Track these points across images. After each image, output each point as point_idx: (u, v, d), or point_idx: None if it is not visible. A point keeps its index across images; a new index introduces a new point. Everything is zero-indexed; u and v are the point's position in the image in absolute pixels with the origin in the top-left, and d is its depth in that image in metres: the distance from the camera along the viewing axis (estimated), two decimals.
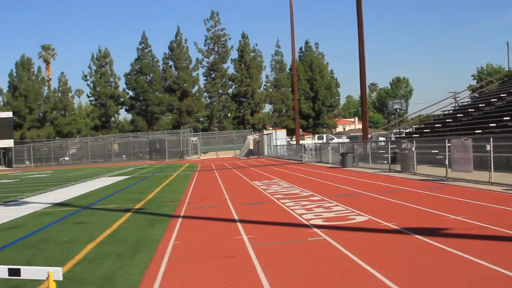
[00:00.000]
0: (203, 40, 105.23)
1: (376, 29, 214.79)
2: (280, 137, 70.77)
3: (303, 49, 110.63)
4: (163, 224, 13.81)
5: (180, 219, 14.53)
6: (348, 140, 60.49)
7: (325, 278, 7.65)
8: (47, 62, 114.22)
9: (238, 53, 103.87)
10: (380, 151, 33.37)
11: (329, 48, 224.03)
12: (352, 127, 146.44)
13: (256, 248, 9.96)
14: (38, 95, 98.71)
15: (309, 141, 76.47)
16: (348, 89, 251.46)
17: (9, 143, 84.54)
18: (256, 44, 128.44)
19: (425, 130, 43.18)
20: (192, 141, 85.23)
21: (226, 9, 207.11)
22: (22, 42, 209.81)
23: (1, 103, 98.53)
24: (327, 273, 7.91)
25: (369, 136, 44.39)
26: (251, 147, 78.10)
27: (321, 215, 13.44)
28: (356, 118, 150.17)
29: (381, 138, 49.24)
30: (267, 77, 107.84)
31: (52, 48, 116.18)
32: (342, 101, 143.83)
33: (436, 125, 42.67)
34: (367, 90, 63.43)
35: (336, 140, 72.89)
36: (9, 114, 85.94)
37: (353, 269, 8.06)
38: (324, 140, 75.32)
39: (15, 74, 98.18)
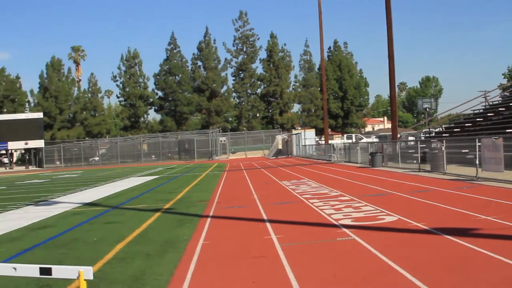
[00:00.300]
0: (232, 40, 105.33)
1: (406, 28, 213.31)
2: (309, 136, 70.53)
3: (331, 49, 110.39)
4: (192, 224, 13.84)
5: (209, 219, 14.56)
6: (377, 140, 60.15)
7: (354, 278, 7.63)
8: (77, 63, 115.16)
9: (267, 53, 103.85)
10: (410, 151, 33.15)
11: (358, 48, 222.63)
12: (381, 126, 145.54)
13: (285, 248, 9.94)
14: (68, 96, 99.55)
15: (338, 141, 76.26)
16: (377, 88, 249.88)
17: (39, 143, 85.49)
18: (285, 44, 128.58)
19: (455, 130, 42.79)
20: (221, 141, 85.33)
21: (254, 9, 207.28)
22: (52, 43, 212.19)
23: (32, 104, 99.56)
24: (356, 274, 7.88)
25: (399, 135, 44.08)
26: (280, 147, 77.94)
27: (350, 215, 13.38)
28: (385, 118, 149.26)
29: (410, 138, 48.96)
30: (295, 76, 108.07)
31: (81, 49, 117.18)
32: (371, 100, 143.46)
33: (466, 124, 42.24)
34: (396, 89, 63.04)
35: (365, 139, 72.58)
36: (40, 115, 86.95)
37: (382, 269, 8.02)
38: (353, 140, 75.08)
39: (45, 75, 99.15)
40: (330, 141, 64.04)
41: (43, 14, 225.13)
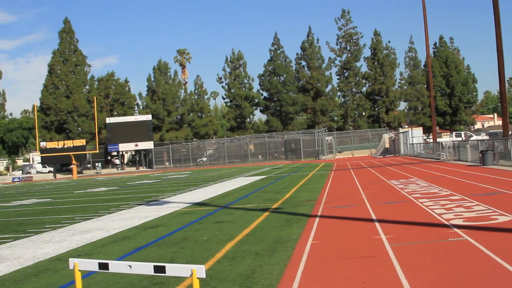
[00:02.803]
0: (335, 39, 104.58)
1: None
2: (416, 135, 69.22)
3: (437, 45, 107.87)
4: (300, 223, 13.89)
5: (317, 219, 14.56)
6: (487, 137, 58.45)
7: (466, 279, 7.48)
8: (182, 66, 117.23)
9: (371, 51, 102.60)
10: None
11: (465, 43, 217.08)
12: (491, 123, 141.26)
13: (395, 248, 9.85)
14: (175, 98, 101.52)
15: (446, 138, 74.51)
16: (486, 84, 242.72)
17: (149, 145, 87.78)
18: (389, 41, 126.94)
19: None
20: (327, 140, 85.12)
21: (357, 7, 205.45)
22: (158, 47, 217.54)
23: (141, 107, 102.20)
24: (468, 275, 7.72)
25: (510, 132, 42.65)
26: (387, 145, 77.00)
27: (462, 215, 13.09)
28: (495, 114, 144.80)
29: None
30: (401, 74, 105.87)
31: (187, 52, 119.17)
32: (480, 96, 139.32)
33: None
34: (507, 85, 61.04)
35: (474, 137, 70.70)
36: (149, 117, 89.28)
37: (495, 271, 7.82)
38: (462, 138, 73.22)
39: (153, 79, 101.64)
40: (438, 139, 62.77)
41: (149, 19, 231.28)
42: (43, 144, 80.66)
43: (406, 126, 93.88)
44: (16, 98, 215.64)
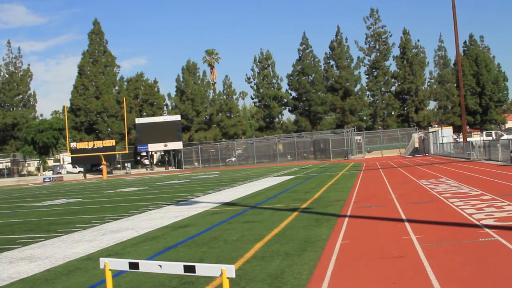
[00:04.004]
0: (364, 38, 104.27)
1: None
2: (446, 134, 68.77)
3: (467, 43, 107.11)
4: (329, 223, 13.85)
5: (346, 219, 14.52)
6: None
7: (498, 280, 7.41)
8: (211, 66, 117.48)
9: (400, 49, 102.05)
10: None
11: (495, 41, 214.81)
12: None
13: (425, 248, 9.79)
14: (204, 98, 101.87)
15: (476, 138, 73.89)
16: None
17: (178, 145, 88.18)
18: (418, 40, 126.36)
19: None
20: (356, 140, 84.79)
21: (385, 6, 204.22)
22: (187, 48, 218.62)
23: (170, 107, 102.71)
24: (499, 275, 7.65)
25: None
26: (417, 145, 76.51)
27: (493, 215, 12.97)
28: None
29: None
30: (430, 73, 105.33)
31: (215, 53, 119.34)
32: (511, 95, 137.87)
33: None
34: None
35: (505, 136, 69.98)
36: (178, 117, 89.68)
37: None
38: (493, 137, 72.49)
39: (181, 79, 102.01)
40: (468, 139, 62.24)
41: (178, 19, 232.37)
42: (73, 144, 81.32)
43: (436, 126, 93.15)
44: (46, 99, 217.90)
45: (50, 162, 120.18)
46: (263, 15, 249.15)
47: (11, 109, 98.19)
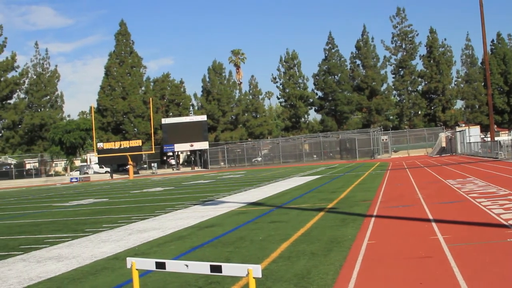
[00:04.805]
0: (390, 37, 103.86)
1: None
2: (473, 134, 68.27)
3: (494, 42, 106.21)
4: (356, 223, 13.79)
5: (373, 219, 14.45)
6: None
7: None
8: (237, 66, 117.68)
9: (427, 48, 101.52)
10: None
11: None
12: None
13: (452, 248, 9.71)
14: (230, 99, 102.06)
15: (504, 137, 73.21)
16: None
17: (204, 145, 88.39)
18: (445, 39, 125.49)
19: None
20: (382, 139, 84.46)
21: (412, 5, 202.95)
22: (213, 48, 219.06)
23: (196, 107, 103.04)
24: None
25: None
26: (444, 144, 76.04)
27: None
28: None
29: None
30: (457, 72, 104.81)
31: (241, 53, 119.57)
32: None
33: None
34: None
35: None
36: (204, 117, 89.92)
37: None
38: None
39: (207, 79, 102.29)
40: (496, 138, 61.71)
41: (204, 20, 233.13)
42: (100, 145, 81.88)
43: (463, 125, 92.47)
44: (73, 100, 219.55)
45: (77, 162, 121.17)
46: (288, 15, 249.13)
47: (39, 110, 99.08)
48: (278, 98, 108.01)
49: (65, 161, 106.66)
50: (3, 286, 9.47)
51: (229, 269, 4.96)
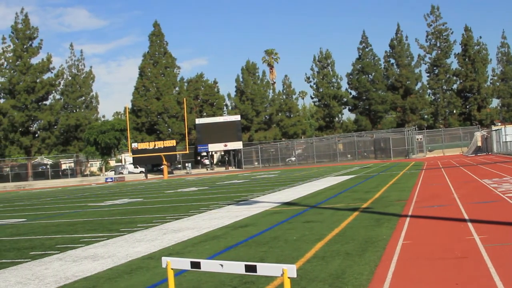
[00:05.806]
0: (424, 36, 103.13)
1: None
2: (509, 132, 67.38)
3: None
4: (390, 223, 13.72)
5: (408, 219, 14.35)
6: None
7: None
8: (270, 66, 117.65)
9: (461, 47, 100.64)
10: None
11: None
12: None
13: (489, 248, 9.61)
14: (264, 98, 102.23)
15: None
16: None
17: (238, 145, 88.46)
18: (480, 37, 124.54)
19: None
20: (417, 139, 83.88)
21: (446, 3, 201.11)
22: (246, 48, 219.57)
23: (230, 107, 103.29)
24: None
25: None
26: (479, 144, 75.26)
27: None
28: None
29: None
30: (493, 70, 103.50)
31: (275, 53, 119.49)
32: None
33: None
34: None
35: None
36: (237, 117, 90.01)
37: None
38: None
39: (241, 79, 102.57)
40: None
41: (237, 20, 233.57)
42: (134, 145, 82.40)
43: (499, 124, 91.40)
44: (108, 101, 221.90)
45: (112, 163, 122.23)
46: (322, 14, 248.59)
47: (74, 111, 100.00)
48: (312, 98, 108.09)
49: (100, 162, 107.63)
50: (40, 284, 9.60)
51: (264, 269, 4.97)
